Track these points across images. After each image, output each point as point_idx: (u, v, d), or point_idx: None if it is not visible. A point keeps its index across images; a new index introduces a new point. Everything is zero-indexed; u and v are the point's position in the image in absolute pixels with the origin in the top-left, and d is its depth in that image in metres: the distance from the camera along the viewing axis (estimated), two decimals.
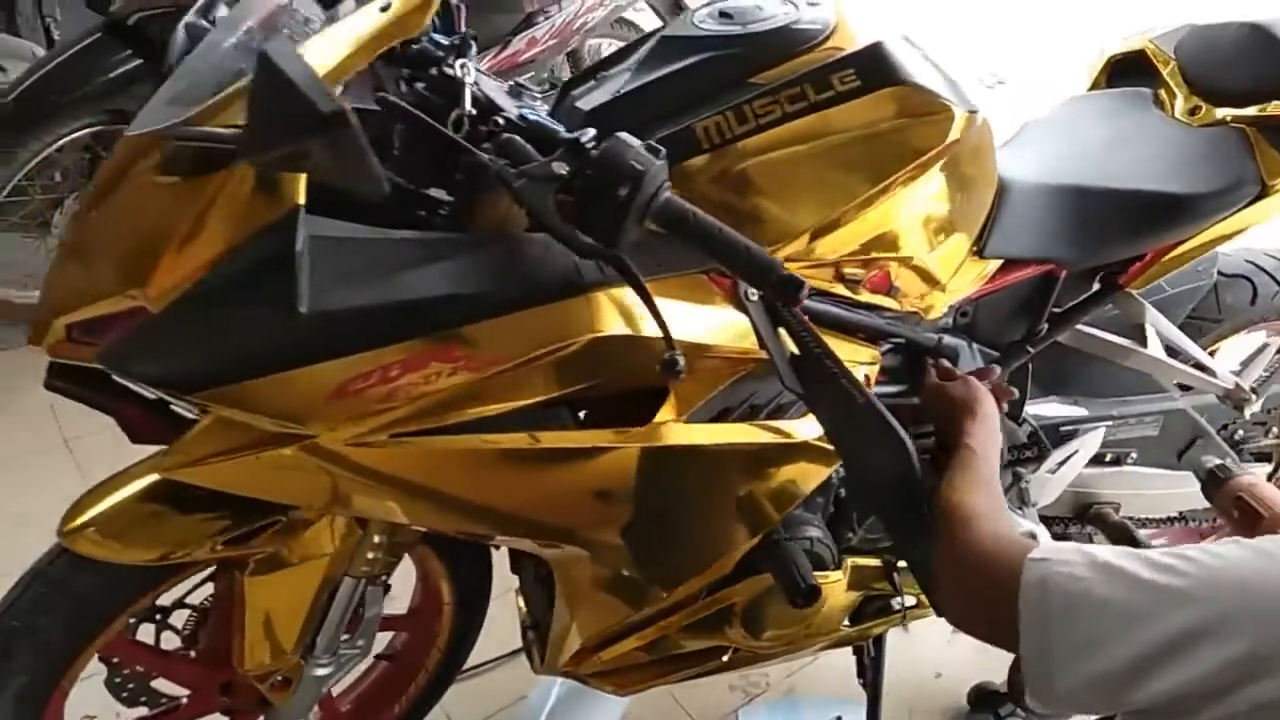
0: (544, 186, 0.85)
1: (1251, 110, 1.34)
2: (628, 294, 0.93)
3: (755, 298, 0.99)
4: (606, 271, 0.92)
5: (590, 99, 1.05)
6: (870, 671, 1.54)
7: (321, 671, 1.19)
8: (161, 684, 1.24)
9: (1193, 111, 1.40)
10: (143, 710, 1.25)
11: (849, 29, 1.05)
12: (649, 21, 2.95)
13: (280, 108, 0.69)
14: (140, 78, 2.20)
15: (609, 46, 2.90)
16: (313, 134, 0.68)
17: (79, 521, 1.01)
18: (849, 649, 1.54)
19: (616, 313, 0.93)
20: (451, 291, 0.88)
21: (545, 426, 0.98)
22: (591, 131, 0.89)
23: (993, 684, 1.69)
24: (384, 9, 0.87)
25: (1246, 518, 1.21)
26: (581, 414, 1.03)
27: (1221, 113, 1.37)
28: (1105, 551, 0.76)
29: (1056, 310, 1.34)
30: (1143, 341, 1.38)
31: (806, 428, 1.11)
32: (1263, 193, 1.31)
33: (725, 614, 1.27)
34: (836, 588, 1.32)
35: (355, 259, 0.86)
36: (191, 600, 1.21)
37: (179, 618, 1.20)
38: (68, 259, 0.94)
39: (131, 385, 0.96)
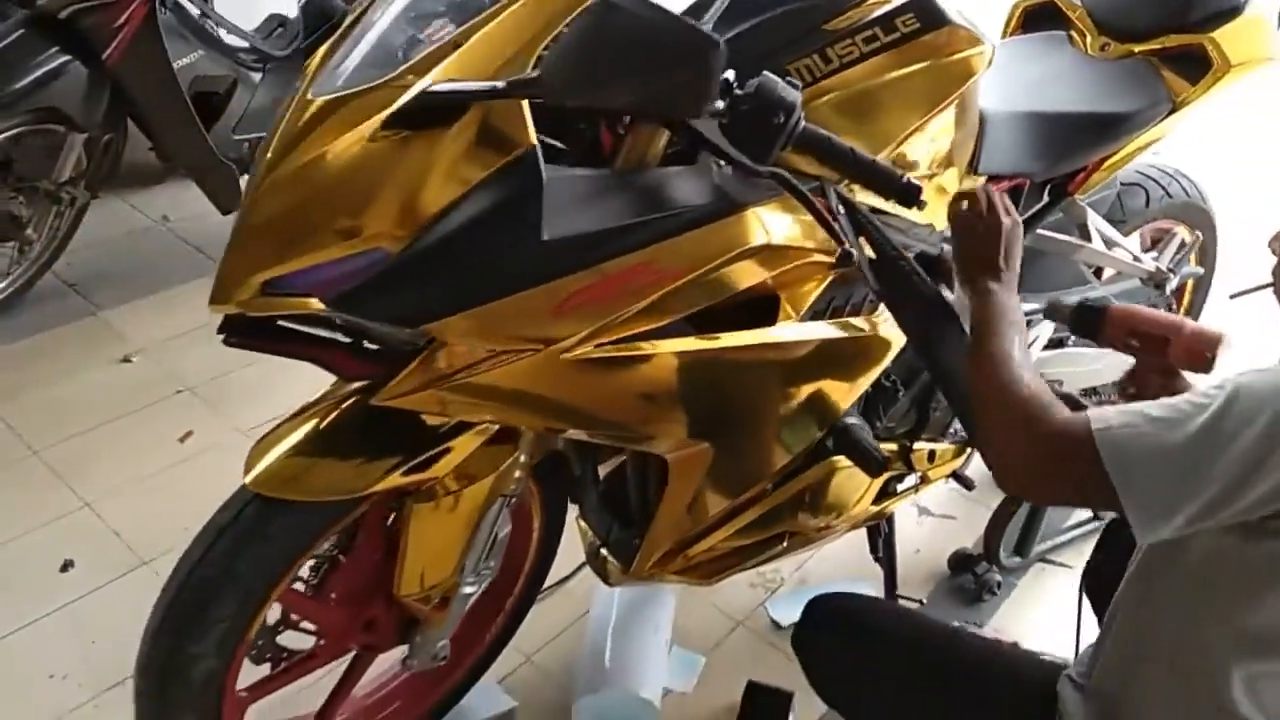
0: (710, 120, 1.02)
1: (1153, 44, 1.66)
2: (765, 211, 1.11)
3: (843, 211, 1.18)
4: (749, 194, 1.10)
5: None
6: (884, 547, 1.78)
7: (468, 590, 1.30)
8: (288, 638, 1.32)
9: (1103, 48, 1.70)
10: (265, 670, 1.33)
11: None
12: None
13: (646, 42, 0.82)
14: (67, 74, 2.14)
15: None
16: (688, 61, 0.81)
17: (266, 466, 1.10)
18: (856, 536, 1.77)
19: (764, 226, 1.10)
20: (642, 217, 1.03)
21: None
22: (732, 72, 1.06)
23: (968, 549, 1.98)
24: None
25: (1151, 343, 1.27)
26: None
27: (1127, 48, 1.69)
28: (1146, 406, 0.99)
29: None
30: (1088, 238, 1.68)
31: (872, 321, 1.33)
32: (1172, 109, 1.63)
33: (793, 501, 1.47)
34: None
35: (563, 193, 1.00)
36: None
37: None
38: (267, 219, 1.01)
39: (336, 328, 1.05)
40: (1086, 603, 1.48)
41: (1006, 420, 1.06)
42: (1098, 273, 1.85)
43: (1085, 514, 2.08)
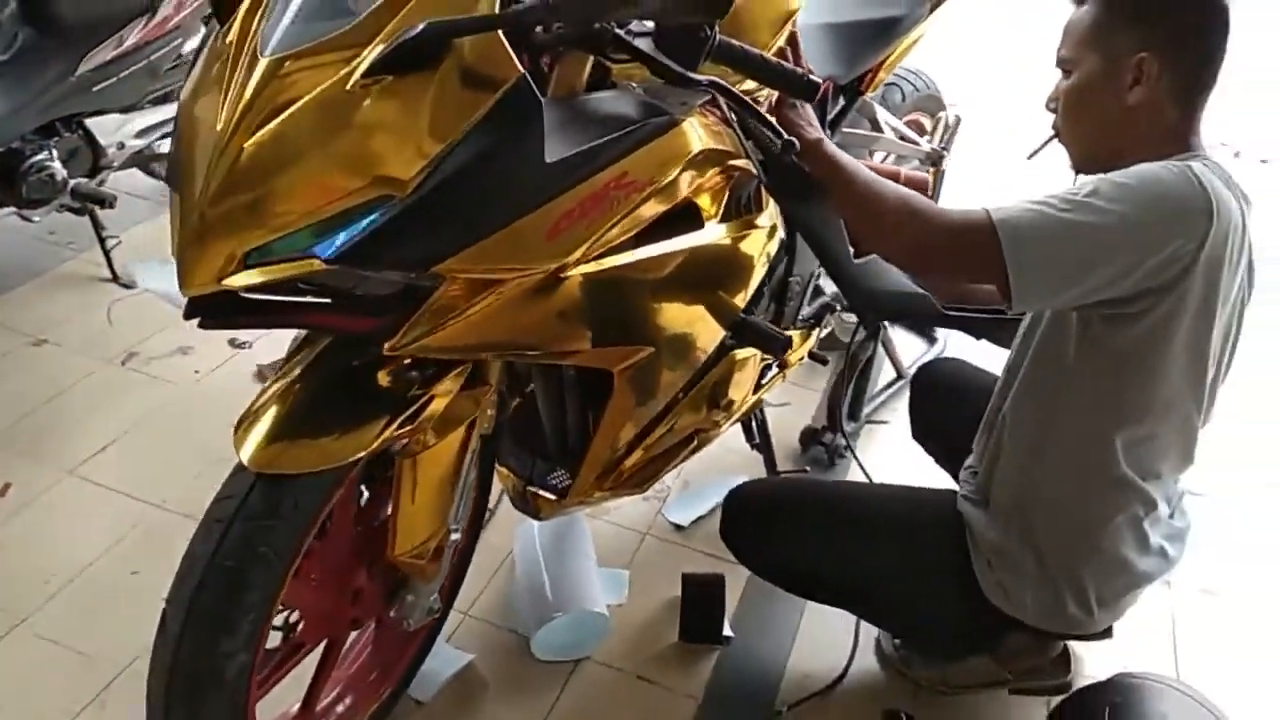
0: (646, 38, 1.12)
1: None
2: (695, 122, 1.22)
3: (736, 121, 1.32)
4: (677, 109, 1.21)
5: None
6: (760, 432, 1.98)
7: (455, 536, 1.33)
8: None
9: None
10: None
11: None
12: None
13: None
14: None
15: None
16: None
17: (260, 445, 1.08)
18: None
19: (699, 135, 1.22)
20: (613, 133, 1.11)
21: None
22: None
23: (812, 425, 2.22)
24: None
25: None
26: None
27: None
28: (1031, 200, 1.25)
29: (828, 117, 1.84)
30: (879, 130, 1.94)
31: (763, 218, 1.48)
32: (931, 9, 1.91)
33: (700, 399, 1.61)
34: (755, 359, 1.71)
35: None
36: None
37: None
38: (243, 186, 0.98)
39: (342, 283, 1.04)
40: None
41: (897, 217, 1.29)
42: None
43: (891, 376, 2.40)
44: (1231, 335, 1.37)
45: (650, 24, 1.14)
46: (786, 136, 1.23)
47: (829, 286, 2.00)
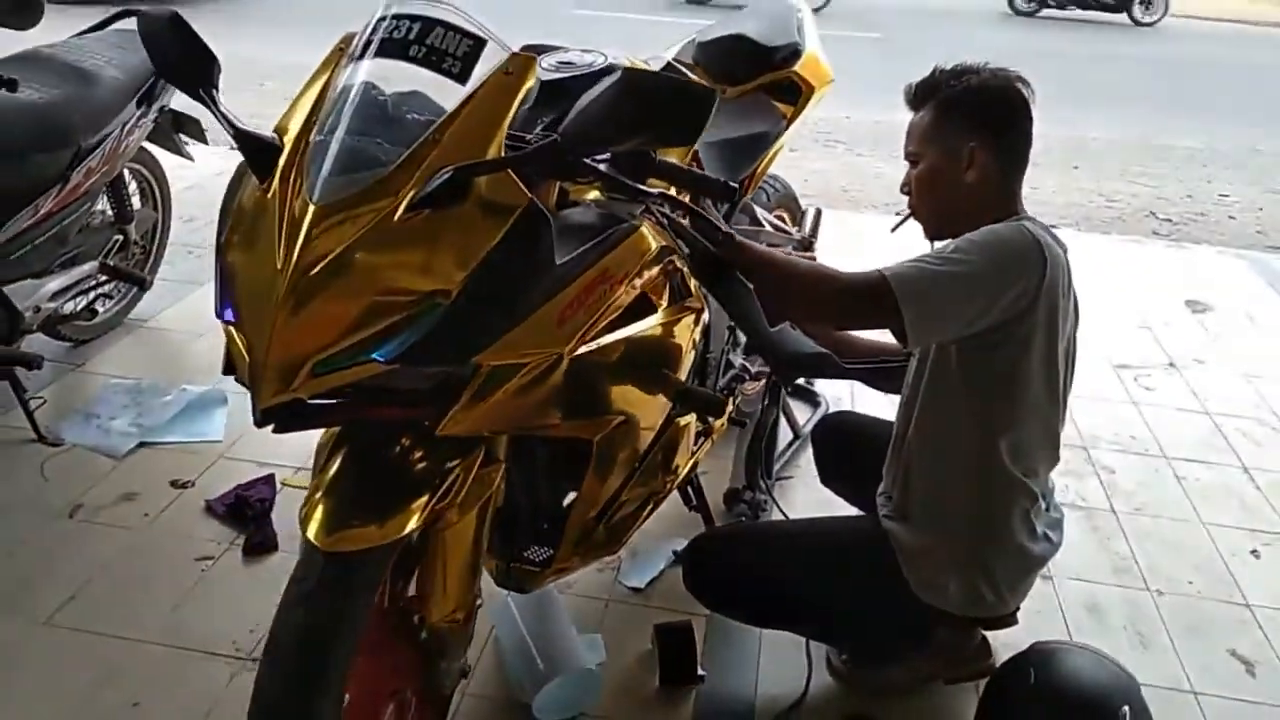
0: (603, 164, 1.40)
1: (760, 82, 2.32)
2: (645, 228, 1.51)
3: (669, 223, 1.62)
4: (632, 219, 1.49)
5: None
6: (696, 494, 2.23)
7: (480, 602, 1.51)
8: None
9: (724, 92, 2.32)
10: None
11: None
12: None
13: (665, 98, 1.16)
14: None
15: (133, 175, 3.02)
16: (700, 107, 1.16)
17: (328, 526, 1.27)
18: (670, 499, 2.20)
19: (651, 238, 1.50)
20: (593, 239, 1.37)
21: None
22: None
23: (734, 486, 2.49)
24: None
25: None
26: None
27: (742, 88, 2.33)
28: (916, 257, 1.59)
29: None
30: (759, 225, 2.29)
31: (693, 301, 1.77)
32: (788, 124, 2.29)
33: (654, 465, 1.85)
34: (692, 425, 1.97)
35: None
36: None
37: None
38: (309, 308, 1.19)
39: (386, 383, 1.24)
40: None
41: (812, 282, 1.60)
42: None
43: (789, 437, 2.71)
44: (1071, 352, 1.73)
45: (606, 154, 1.43)
46: (725, 230, 1.53)
47: (736, 359, 2.31)
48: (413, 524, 1.31)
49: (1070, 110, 7.10)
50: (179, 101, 3.03)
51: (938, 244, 1.70)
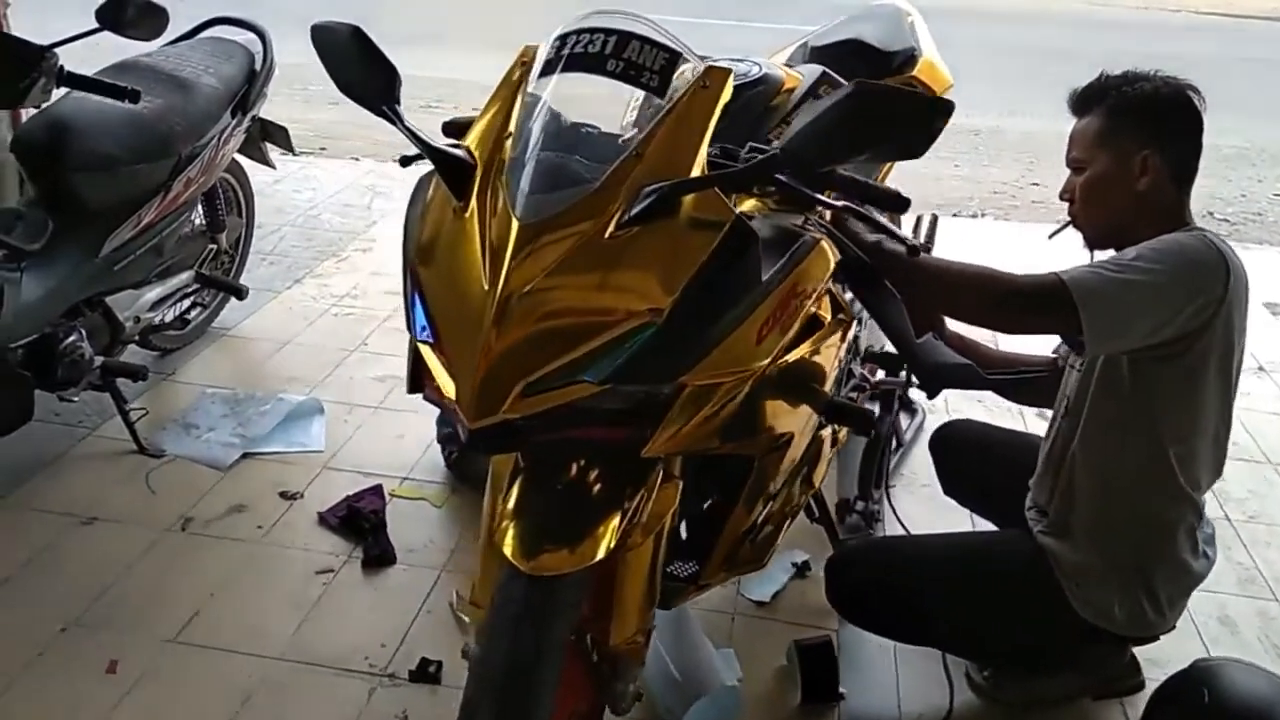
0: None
1: None
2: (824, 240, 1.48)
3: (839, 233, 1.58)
4: (815, 230, 1.46)
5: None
6: (819, 506, 2.19)
7: (654, 624, 1.48)
8: None
9: None
10: None
11: None
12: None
13: (899, 111, 1.13)
14: None
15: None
16: (937, 118, 1.13)
17: (531, 550, 1.24)
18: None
19: (830, 248, 1.47)
20: (784, 253, 1.34)
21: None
22: None
23: (846, 497, 2.45)
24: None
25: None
26: None
27: None
28: (1096, 264, 1.55)
29: None
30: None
31: (845, 312, 1.73)
32: None
33: (798, 476, 1.82)
34: (827, 437, 1.94)
35: None
36: None
37: None
38: (523, 330, 1.16)
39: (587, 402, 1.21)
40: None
41: (984, 284, 1.57)
42: None
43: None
44: (1239, 363, 1.69)
45: None
46: (911, 241, 1.50)
47: (856, 368, 2.27)
48: (607, 547, 1.28)
49: None
50: (268, 109, 3.02)
51: (1112, 253, 1.68)
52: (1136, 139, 1.62)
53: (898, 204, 1.46)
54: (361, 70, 1.35)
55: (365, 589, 2.17)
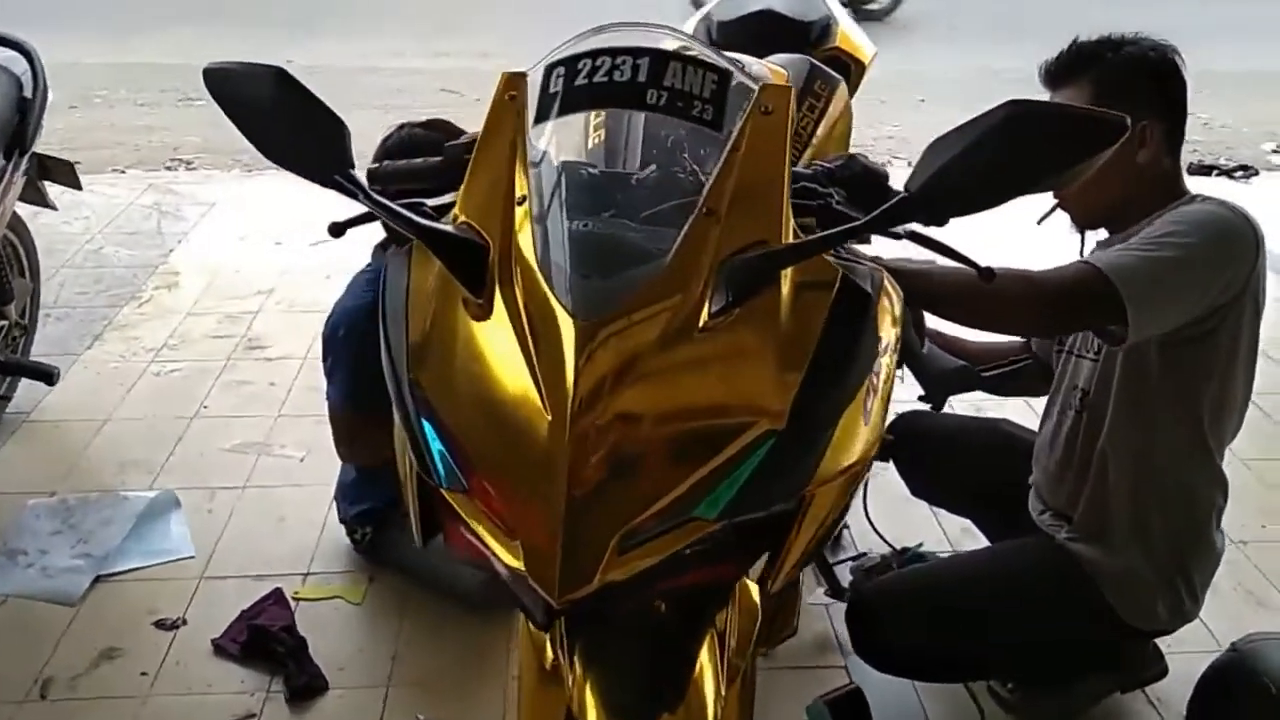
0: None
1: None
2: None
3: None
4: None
5: None
6: None
7: None
8: None
9: None
10: None
11: None
12: None
13: (1067, 132, 0.88)
14: None
15: None
16: (1108, 140, 0.89)
17: None
18: None
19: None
20: None
21: None
22: None
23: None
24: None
25: None
26: None
27: None
28: (1125, 246, 1.42)
29: None
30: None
31: None
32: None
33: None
34: None
35: None
36: None
37: None
38: (605, 467, 0.87)
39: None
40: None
41: (1019, 290, 1.40)
42: None
43: None
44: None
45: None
46: (983, 266, 1.28)
47: None
48: (716, 695, 1.03)
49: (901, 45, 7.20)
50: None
51: (1104, 233, 1.58)
52: (1133, 108, 1.48)
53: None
54: (295, 127, 0.99)
55: None
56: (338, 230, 1.15)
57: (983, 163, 0.89)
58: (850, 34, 2.13)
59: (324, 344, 2.02)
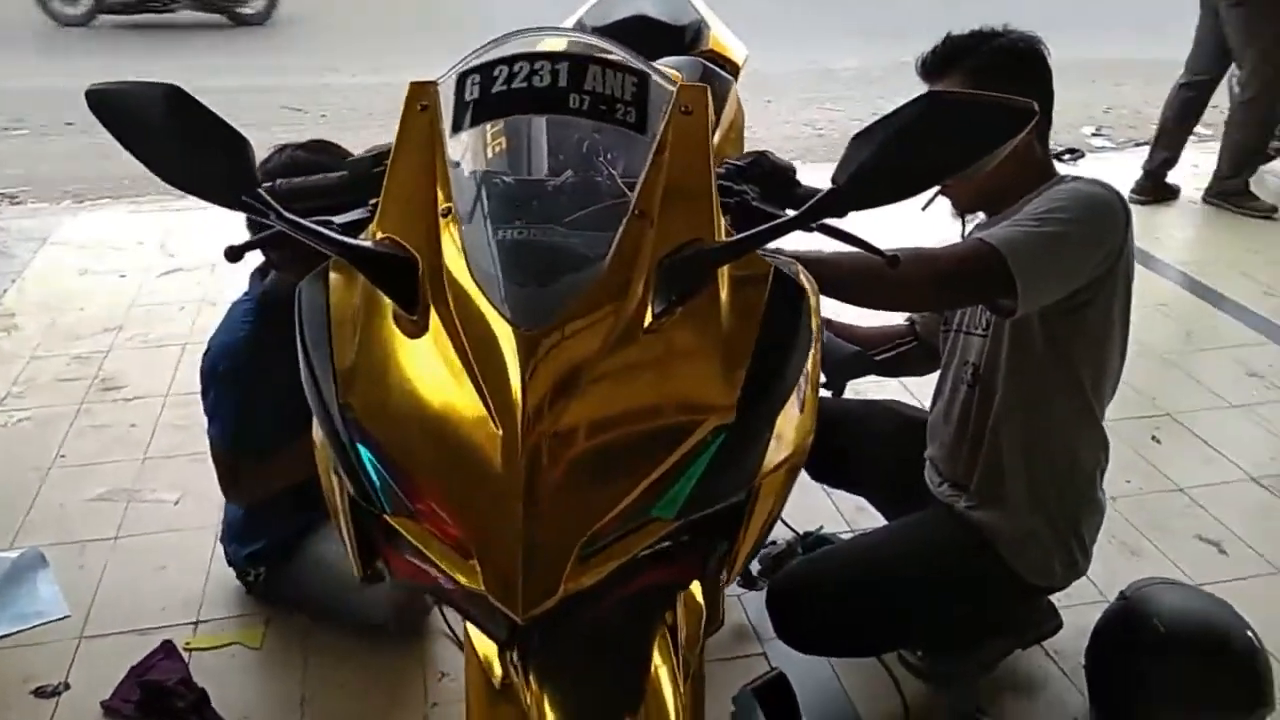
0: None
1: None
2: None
3: None
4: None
5: None
6: None
7: None
8: None
9: None
10: None
11: None
12: None
13: (978, 121, 0.91)
14: None
15: None
16: (1019, 126, 0.92)
17: None
18: None
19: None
20: None
21: None
22: None
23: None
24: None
25: None
26: None
27: None
28: (1012, 223, 1.50)
29: None
30: None
31: None
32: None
33: None
34: None
35: None
36: None
37: None
38: (568, 477, 0.86)
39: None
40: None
41: (914, 269, 1.45)
42: None
43: None
44: None
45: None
46: (889, 253, 1.32)
47: None
48: (675, 692, 1.03)
49: None
50: None
51: (983, 216, 1.66)
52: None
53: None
54: (193, 148, 0.93)
55: None
56: (235, 254, 1.08)
57: (906, 152, 0.92)
58: (721, 37, 2.16)
59: (203, 381, 1.91)
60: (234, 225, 1.27)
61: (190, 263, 3.69)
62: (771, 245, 1.36)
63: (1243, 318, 3.42)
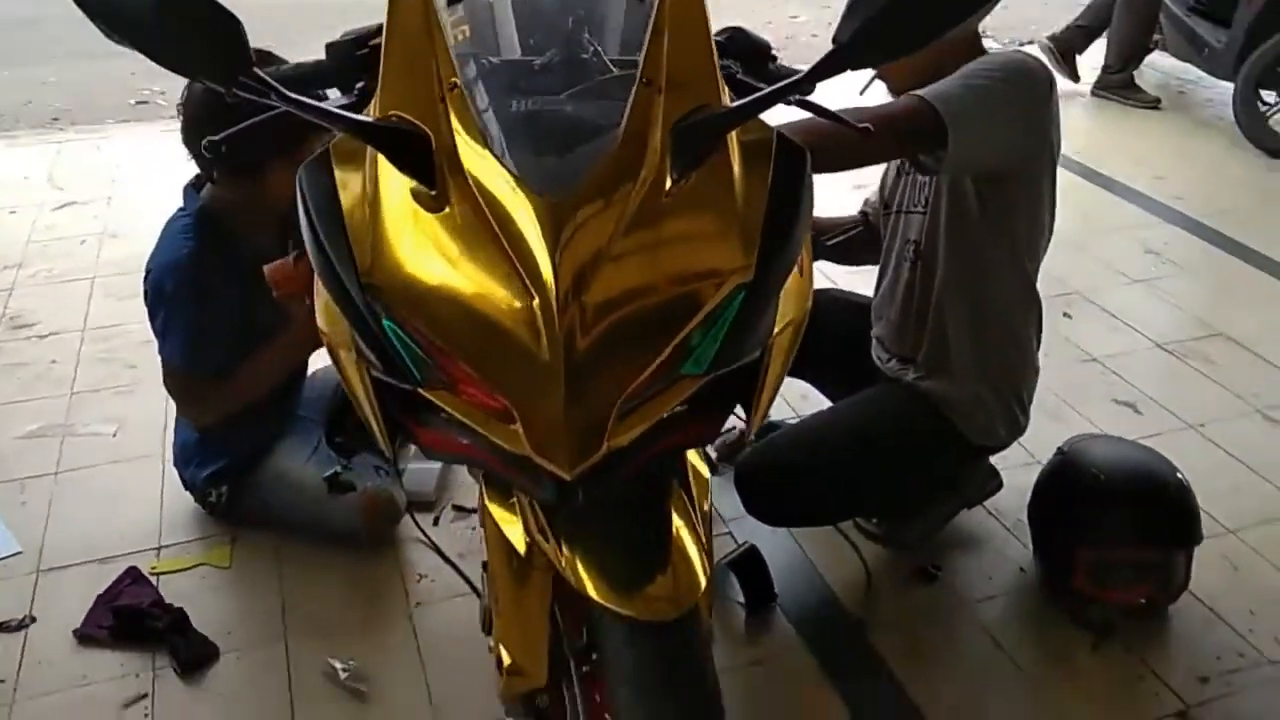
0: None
1: None
2: None
3: None
4: None
5: None
6: None
7: None
8: None
9: None
10: None
11: None
12: None
13: None
14: None
15: None
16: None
17: (624, 593, 1.02)
18: None
19: None
20: None
21: None
22: None
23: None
24: None
25: None
26: None
27: None
28: (942, 82, 1.56)
29: None
30: None
31: None
32: None
33: None
34: None
35: None
36: None
37: None
38: (604, 338, 0.89)
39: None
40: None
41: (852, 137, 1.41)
42: None
43: None
44: None
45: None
46: (860, 124, 1.36)
47: None
48: (704, 573, 1.08)
49: None
50: None
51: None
52: None
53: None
54: (186, 30, 0.90)
55: (203, 702, 1.69)
56: (215, 147, 1.06)
57: (903, 10, 0.96)
58: None
59: (149, 303, 1.85)
60: (122, 155, 1.23)
61: (83, 196, 3.52)
62: None
63: (1137, 201, 3.62)
